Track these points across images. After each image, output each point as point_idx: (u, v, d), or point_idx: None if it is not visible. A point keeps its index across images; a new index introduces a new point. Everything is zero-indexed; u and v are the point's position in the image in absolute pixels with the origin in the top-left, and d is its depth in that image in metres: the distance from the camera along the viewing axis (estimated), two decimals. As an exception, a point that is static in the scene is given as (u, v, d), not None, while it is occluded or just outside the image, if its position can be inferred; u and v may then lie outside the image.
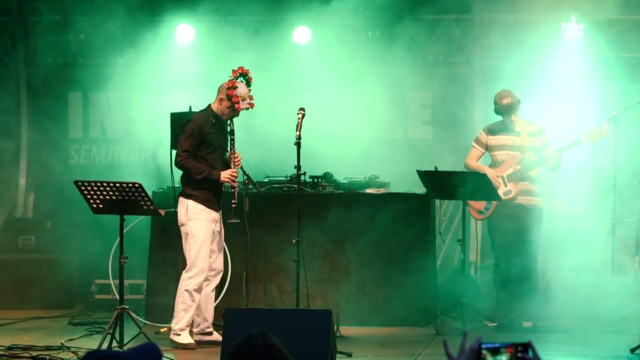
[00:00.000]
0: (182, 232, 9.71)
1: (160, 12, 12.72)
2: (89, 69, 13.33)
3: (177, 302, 9.66)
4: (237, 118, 9.73)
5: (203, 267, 9.64)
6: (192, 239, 9.60)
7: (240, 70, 9.69)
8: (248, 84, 9.69)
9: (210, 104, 9.79)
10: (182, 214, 9.67)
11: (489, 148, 10.94)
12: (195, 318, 9.79)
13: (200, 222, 9.62)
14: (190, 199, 9.62)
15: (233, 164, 9.72)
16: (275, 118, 12.10)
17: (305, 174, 10.33)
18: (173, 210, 10.14)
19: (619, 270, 10.94)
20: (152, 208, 9.10)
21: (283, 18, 12.73)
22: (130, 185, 8.91)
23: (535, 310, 10.52)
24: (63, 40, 13.05)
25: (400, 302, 10.90)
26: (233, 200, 9.69)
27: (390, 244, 10.96)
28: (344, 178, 11.46)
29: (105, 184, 8.94)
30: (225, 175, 9.64)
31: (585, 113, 11.69)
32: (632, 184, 10.96)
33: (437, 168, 10.50)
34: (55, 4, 12.77)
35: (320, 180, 11.20)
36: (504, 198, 10.68)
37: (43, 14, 12.92)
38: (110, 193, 8.94)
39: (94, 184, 8.94)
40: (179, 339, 9.60)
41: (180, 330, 9.61)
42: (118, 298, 9.28)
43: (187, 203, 9.63)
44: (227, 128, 9.78)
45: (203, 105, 9.98)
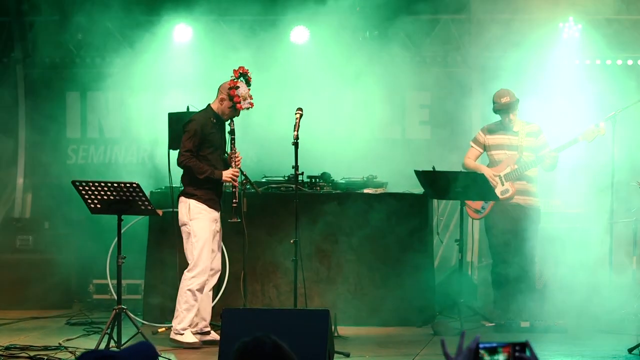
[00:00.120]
0: (183, 231, 9.70)
1: (158, 12, 12.70)
2: (87, 69, 13.32)
3: (179, 301, 9.65)
4: (235, 118, 9.74)
5: (206, 266, 9.63)
6: (194, 239, 9.59)
7: (241, 70, 9.70)
8: (248, 84, 9.70)
9: (210, 104, 9.78)
10: (183, 214, 9.65)
11: (487, 147, 10.95)
12: (193, 318, 9.79)
13: (203, 221, 9.62)
14: (193, 199, 9.61)
15: (234, 164, 9.72)
16: (273, 118, 12.10)
17: (303, 174, 10.32)
18: (171, 210, 10.15)
19: (617, 270, 10.95)
20: (149, 208, 9.10)
21: (281, 18, 12.73)
22: (128, 185, 8.90)
23: (533, 310, 10.52)
24: (61, 40, 13.05)
25: (398, 302, 10.90)
26: (234, 200, 9.69)
27: (388, 244, 10.96)
28: (342, 178, 11.46)
29: (103, 184, 8.93)
30: (227, 175, 9.65)
31: (583, 113, 11.69)
32: (629, 184, 10.95)
33: (434, 168, 10.50)
34: (53, 4, 12.76)
35: (318, 180, 11.20)
36: (501, 197, 10.69)
37: (41, 14, 12.91)
38: (108, 193, 8.94)
39: (92, 184, 8.93)
40: (183, 339, 9.59)
41: (183, 330, 9.61)
42: (116, 298, 9.27)
43: (189, 203, 9.62)
44: (226, 128, 9.79)
45: (201, 105, 9.97)
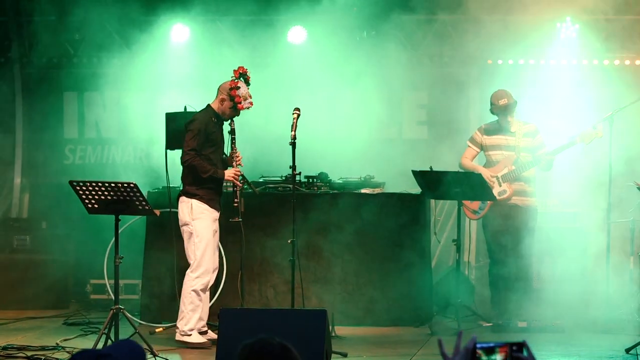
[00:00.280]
0: (184, 231, 9.68)
1: (156, 12, 12.69)
2: (84, 69, 13.32)
3: (183, 302, 9.62)
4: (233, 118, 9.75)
5: (209, 266, 9.63)
6: (197, 239, 9.58)
7: (241, 70, 9.70)
8: (247, 83, 9.71)
9: (210, 104, 9.77)
10: (185, 214, 9.63)
11: (484, 148, 10.95)
12: (179, 316, 9.77)
13: (205, 221, 9.61)
14: (195, 199, 9.60)
15: (235, 163, 9.73)
16: (270, 118, 12.10)
17: (301, 174, 10.34)
18: (168, 210, 10.14)
19: (614, 270, 10.95)
20: (147, 208, 9.08)
21: (278, 18, 12.72)
22: (126, 185, 8.89)
23: (530, 310, 10.52)
24: (58, 40, 13.03)
25: (395, 302, 10.90)
26: (235, 200, 9.69)
27: (385, 244, 10.96)
28: (339, 178, 11.46)
29: (101, 184, 8.92)
30: (230, 175, 9.65)
31: (580, 112, 11.70)
32: (627, 184, 10.95)
33: (432, 168, 10.50)
34: (51, 4, 12.75)
35: (315, 181, 11.20)
36: (499, 198, 10.69)
37: (38, 14, 12.90)
38: (106, 193, 8.93)
39: (89, 184, 8.92)
40: (191, 339, 9.57)
41: (190, 331, 9.59)
42: (113, 298, 9.26)
43: (191, 202, 9.60)
44: (224, 127, 9.79)
45: (198, 105, 9.97)
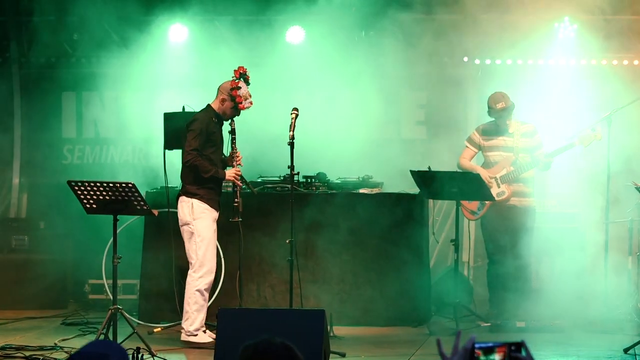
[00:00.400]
0: (184, 231, 9.67)
1: (154, 12, 12.68)
2: (83, 69, 13.31)
3: (188, 303, 9.61)
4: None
5: (212, 266, 9.64)
6: (198, 238, 9.57)
7: (241, 70, 9.70)
8: (247, 83, 9.71)
9: (210, 104, 9.77)
10: (186, 214, 9.62)
11: (482, 148, 10.95)
12: (183, 316, 9.76)
13: (206, 220, 9.61)
14: (195, 198, 9.59)
15: (235, 163, 9.72)
16: (269, 118, 12.09)
17: (299, 174, 10.34)
18: (166, 210, 10.14)
19: (612, 270, 10.95)
20: (145, 208, 9.08)
21: (276, 18, 12.71)
22: (124, 185, 8.89)
23: (529, 311, 10.52)
24: (57, 40, 13.02)
25: (394, 302, 10.90)
26: (235, 200, 9.69)
27: (384, 244, 10.95)
28: (338, 178, 11.46)
29: (99, 184, 8.92)
30: (231, 174, 9.66)
31: (578, 113, 11.70)
32: (625, 184, 10.96)
33: (430, 168, 10.49)
34: (49, 4, 12.74)
35: (314, 181, 11.20)
36: (497, 199, 10.68)
37: (36, 14, 12.88)
38: (104, 193, 8.92)
39: (87, 184, 8.92)
40: (197, 339, 9.56)
41: (196, 331, 9.58)
42: (111, 298, 9.26)
43: (191, 202, 9.60)
44: (224, 127, 9.79)
45: (196, 105, 9.96)
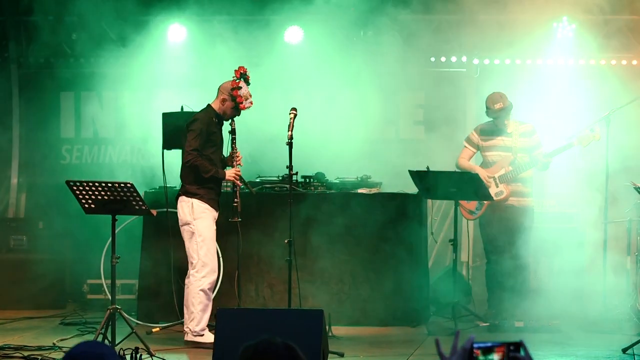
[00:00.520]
0: (185, 231, 9.66)
1: (152, 12, 12.69)
2: (81, 69, 13.31)
3: (192, 303, 9.59)
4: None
5: (214, 265, 9.64)
6: (199, 238, 9.56)
7: (242, 70, 9.70)
8: (247, 83, 9.71)
9: (210, 104, 9.76)
10: (186, 213, 9.62)
11: (481, 148, 10.95)
12: (187, 317, 9.77)
13: (206, 220, 9.60)
14: (195, 198, 9.59)
15: (235, 163, 9.72)
16: (267, 118, 12.08)
17: (297, 174, 10.33)
18: (165, 210, 10.14)
19: (611, 270, 10.96)
20: (144, 208, 9.08)
21: (275, 18, 12.71)
22: (122, 185, 8.89)
23: (527, 310, 10.53)
24: (55, 40, 13.02)
25: (392, 302, 10.90)
26: (235, 200, 9.69)
27: (382, 244, 10.95)
28: (336, 178, 11.46)
29: (97, 184, 8.92)
30: (231, 174, 9.66)
31: (577, 113, 11.71)
32: (623, 184, 10.96)
33: (429, 168, 10.49)
34: (48, 4, 12.73)
35: (312, 180, 11.20)
36: (496, 199, 10.68)
37: (35, 14, 12.88)
38: (102, 193, 8.92)
39: (86, 184, 8.92)
40: (204, 339, 9.54)
41: (202, 331, 9.57)
42: (110, 298, 9.25)
43: (191, 202, 9.59)
44: (223, 127, 9.79)
45: (195, 105, 9.96)
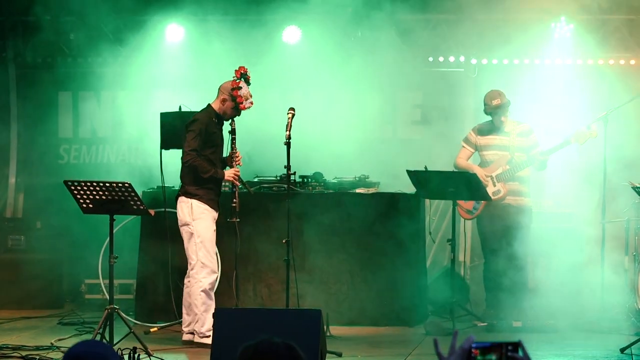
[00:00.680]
0: (184, 231, 9.64)
1: (150, 11, 12.68)
2: (79, 69, 13.30)
3: (195, 305, 9.58)
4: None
5: (214, 265, 9.65)
6: (198, 239, 9.55)
7: (242, 70, 9.70)
8: (248, 83, 9.70)
9: (210, 104, 9.75)
10: (185, 214, 9.60)
11: (478, 148, 10.95)
12: (185, 317, 9.76)
13: (206, 221, 9.60)
14: (195, 199, 9.58)
15: (234, 163, 9.72)
16: (265, 118, 12.07)
17: (295, 174, 10.32)
18: (163, 210, 10.13)
19: (609, 270, 10.95)
20: (142, 208, 9.08)
21: (273, 18, 12.70)
22: (120, 185, 8.89)
23: (525, 310, 10.53)
24: (53, 40, 13.01)
25: (390, 301, 10.90)
26: (234, 200, 9.69)
27: (380, 244, 10.95)
28: (334, 178, 11.46)
29: (95, 184, 8.92)
30: (230, 175, 9.66)
31: (575, 113, 11.71)
32: (621, 184, 10.96)
33: (426, 168, 10.50)
34: (45, 4, 12.72)
35: (310, 180, 11.20)
36: (493, 198, 10.68)
37: (32, 14, 12.87)
38: (100, 193, 8.92)
39: (84, 184, 8.92)
40: (209, 340, 9.52)
41: (208, 331, 9.51)
42: (108, 298, 9.26)
43: (191, 203, 9.58)
44: (223, 128, 9.78)
45: (193, 105, 9.96)
